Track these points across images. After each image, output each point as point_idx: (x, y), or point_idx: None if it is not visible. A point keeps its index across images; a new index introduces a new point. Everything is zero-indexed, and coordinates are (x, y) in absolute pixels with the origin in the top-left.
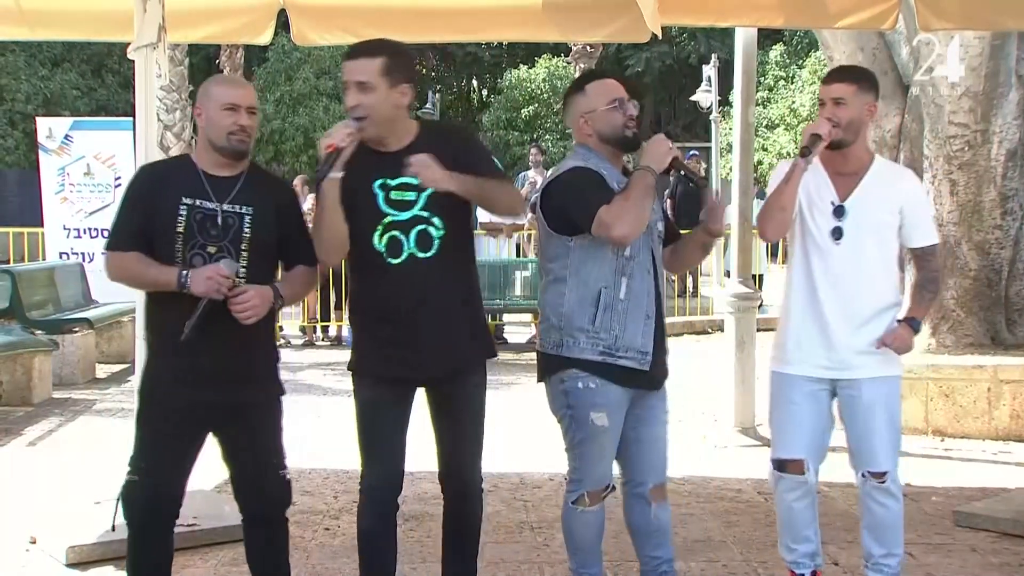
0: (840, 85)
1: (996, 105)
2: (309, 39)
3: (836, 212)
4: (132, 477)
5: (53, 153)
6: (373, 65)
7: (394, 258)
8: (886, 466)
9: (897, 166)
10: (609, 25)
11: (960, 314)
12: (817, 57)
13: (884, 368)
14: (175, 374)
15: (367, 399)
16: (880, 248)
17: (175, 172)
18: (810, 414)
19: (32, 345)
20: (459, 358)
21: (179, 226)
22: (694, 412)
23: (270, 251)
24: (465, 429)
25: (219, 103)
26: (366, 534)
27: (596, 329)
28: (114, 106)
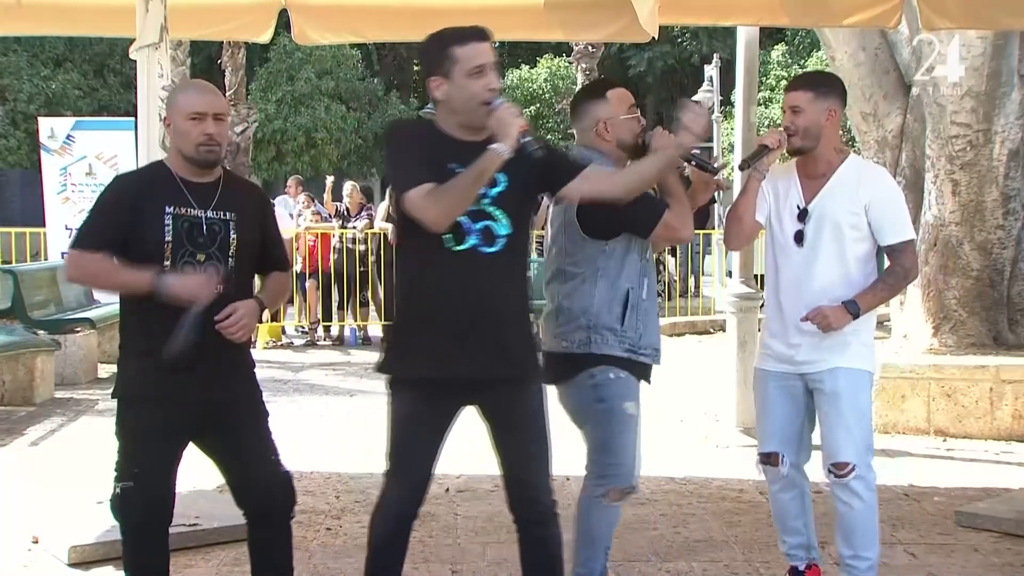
0: (796, 93)
1: (998, 105)
2: (310, 38)
3: (800, 216)
4: (126, 484)
5: (55, 153)
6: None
7: (458, 245)
8: (847, 457)
9: (869, 164)
10: (611, 25)
11: (962, 314)
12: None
13: (847, 361)
14: (151, 380)
15: (405, 410)
16: (841, 250)
17: (155, 181)
18: (782, 408)
19: (34, 345)
20: (519, 363)
21: (167, 235)
22: (696, 412)
23: (254, 256)
24: (532, 446)
25: (184, 113)
26: (379, 545)
27: (624, 328)
28: (116, 106)
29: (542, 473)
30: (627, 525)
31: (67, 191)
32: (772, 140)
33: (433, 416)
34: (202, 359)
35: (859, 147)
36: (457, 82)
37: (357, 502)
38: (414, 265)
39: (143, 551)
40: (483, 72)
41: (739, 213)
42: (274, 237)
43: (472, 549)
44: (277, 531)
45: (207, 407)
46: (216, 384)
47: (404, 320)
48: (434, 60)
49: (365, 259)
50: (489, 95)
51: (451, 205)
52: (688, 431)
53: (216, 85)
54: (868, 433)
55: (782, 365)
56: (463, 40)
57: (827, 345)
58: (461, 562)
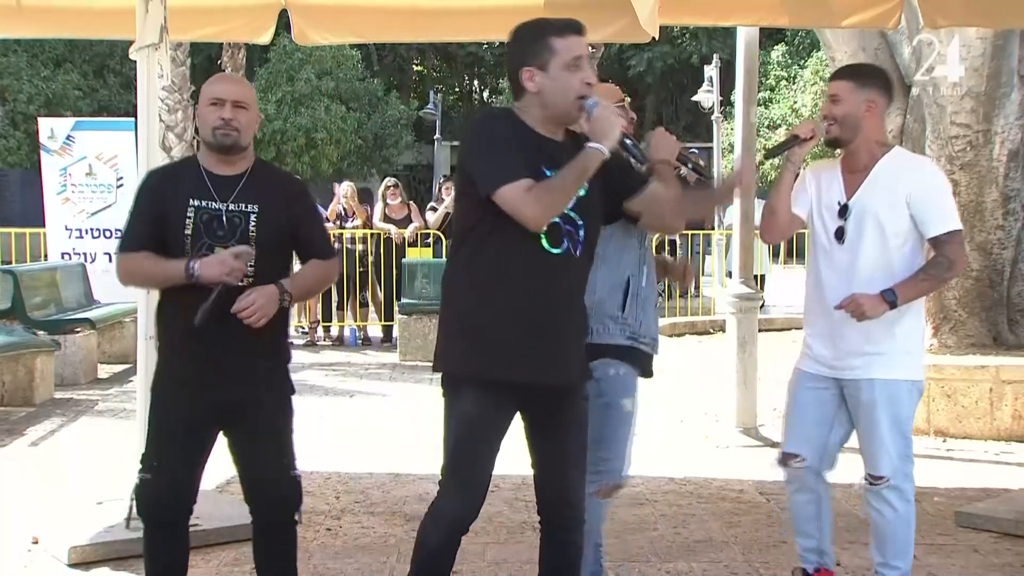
0: (836, 82)
1: (998, 105)
2: (310, 39)
3: (841, 212)
4: (145, 475)
5: (55, 153)
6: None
7: (555, 247)
8: (883, 471)
9: (912, 157)
10: (610, 25)
11: (962, 314)
12: (819, 57)
13: (886, 371)
14: (184, 373)
15: (471, 414)
16: (882, 246)
17: (181, 174)
18: (813, 412)
19: (34, 345)
20: (579, 369)
21: (187, 227)
22: (696, 412)
23: (278, 249)
24: (576, 454)
25: (206, 99)
26: (432, 552)
27: (625, 316)
28: (116, 106)
29: (580, 480)
30: (627, 525)
31: (67, 191)
32: (804, 130)
33: (500, 419)
34: (231, 354)
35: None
36: (553, 74)
37: (357, 503)
38: (499, 263)
39: (158, 544)
40: (580, 65)
41: (772, 205)
42: (310, 225)
43: (472, 549)
44: (281, 534)
45: (233, 405)
46: (244, 383)
47: (481, 318)
48: (529, 50)
49: (364, 259)
50: (586, 89)
51: (553, 203)
52: (688, 431)
53: None
54: (906, 444)
55: (819, 367)
56: (563, 31)
57: (866, 351)
58: (461, 562)
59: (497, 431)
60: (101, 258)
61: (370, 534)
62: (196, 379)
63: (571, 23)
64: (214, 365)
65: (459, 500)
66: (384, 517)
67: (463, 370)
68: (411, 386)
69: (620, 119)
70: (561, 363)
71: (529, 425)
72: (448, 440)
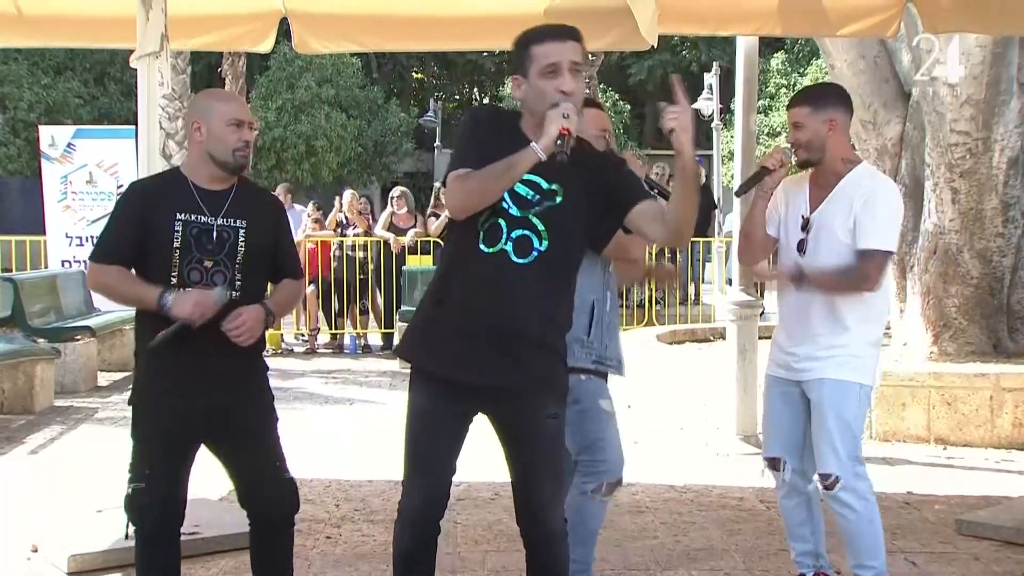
0: (795, 109)
1: (998, 113)
2: (311, 47)
3: (804, 225)
4: (138, 485)
5: (55, 161)
6: (581, 47)
7: (488, 247)
8: (830, 468)
9: (873, 174)
10: (610, 33)
11: (962, 322)
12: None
13: (835, 372)
14: (164, 383)
15: (421, 407)
16: (838, 259)
17: (167, 188)
18: (783, 414)
19: (34, 353)
20: (532, 378)
21: (176, 241)
22: (696, 419)
23: (263, 264)
24: (538, 464)
25: (224, 119)
26: (398, 556)
27: (591, 340)
28: (116, 114)
29: (546, 492)
30: (627, 533)
31: (67, 199)
32: (773, 161)
33: (447, 416)
34: (206, 364)
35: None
36: (531, 81)
37: (357, 510)
38: (447, 259)
39: (153, 553)
40: (556, 72)
41: (746, 230)
42: (286, 246)
43: (472, 558)
44: (278, 537)
45: (217, 412)
46: (226, 389)
47: (426, 310)
48: (515, 58)
49: (365, 267)
50: (558, 96)
51: (471, 193)
52: (688, 439)
53: None
54: (854, 445)
55: (782, 371)
56: (541, 38)
57: (817, 355)
58: (461, 571)
59: (444, 428)
60: None
61: (370, 542)
62: (180, 388)
63: (556, 29)
64: (197, 374)
65: (414, 495)
66: (384, 525)
67: (405, 356)
68: None
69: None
70: (493, 365)
71: (497, 436)
72: (405, 434)
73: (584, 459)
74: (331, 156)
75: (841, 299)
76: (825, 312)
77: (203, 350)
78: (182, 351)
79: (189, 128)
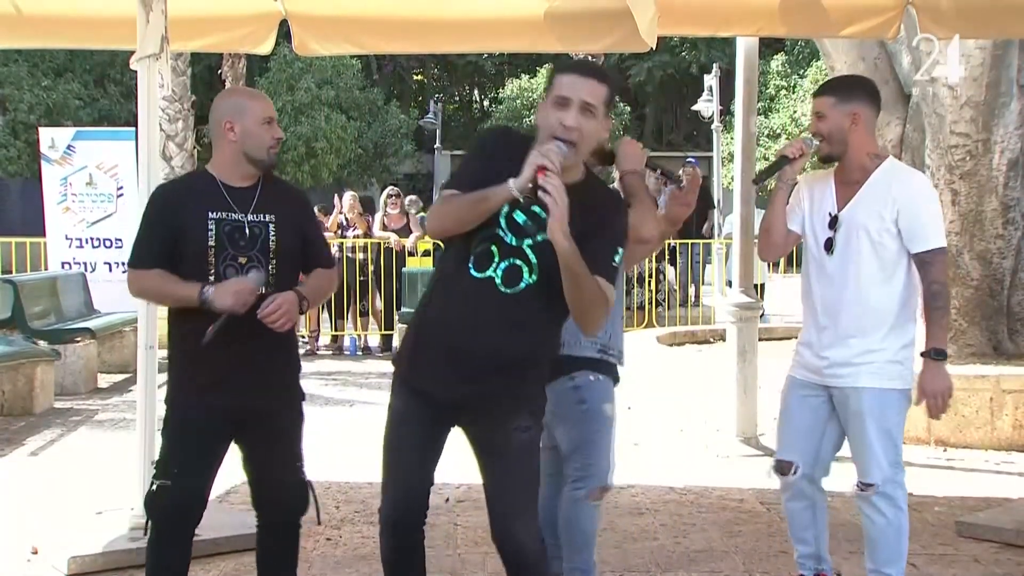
0: (819, 99)
1: (997, 115)
2: (311, 49)
3: (831, 223)
4: (164, 482)
5: (55, 163)
6: (603, 91)
7: (478, 271)
8: (873, 478)
9: (903, 169)
10: (610, 35)
11: (962, 324)
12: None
13: (873, 380)
14: (198, 382)
15: (398, 407)
16: (872, 258)
17: (195, 188)
18: (804, 419)
19: (34, 355)
20: (497, 397)
21: (210, 240)
22: (696, 421)
23: (295, 257)
24: (506, 474)
25: (259, 118)
26: (386, 565)
27: None
28: (116, 116)
29: (516, 503)
30: (628, 535)
31: (67, 201)
32: (793, 150)
33: (422, 424)
34: (245, 362)
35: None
36: (545, 108)
37: (357, 512)
38: (438, 274)
39: (166, 550)
40: (566, 105)
41: (768, 225)
42: (315, 237)
43: (472, 559)
44: (288, 539)
45: (251, 412)
46: (261, 389)
47: (414, 320)
48: (546, 83)
49: (365, 269)
50: (559, 130)
51: (445, 217)
52: (688, 441)
53: (216, 95)
54: (896, 452)
55: (810, 375)
56: (567, 69)
57: (853, 361)
58: (461, 572)
59: (418, 437)
60: (101, 267)
61: (370, 544)
62: (215, 387)
63: (582, 65)
64: (233, 374)
65: (387, 503)
66: None
67: (395, 364)
68: None
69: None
70: (464, 383)
71: (471, 449)
72: (383, 441)
73: (573, 461)
74: (331, 158)
75: (875, 300)
76: (859, 313)
77: (240, 349)
78: (219, 350)
79: (219, 128)
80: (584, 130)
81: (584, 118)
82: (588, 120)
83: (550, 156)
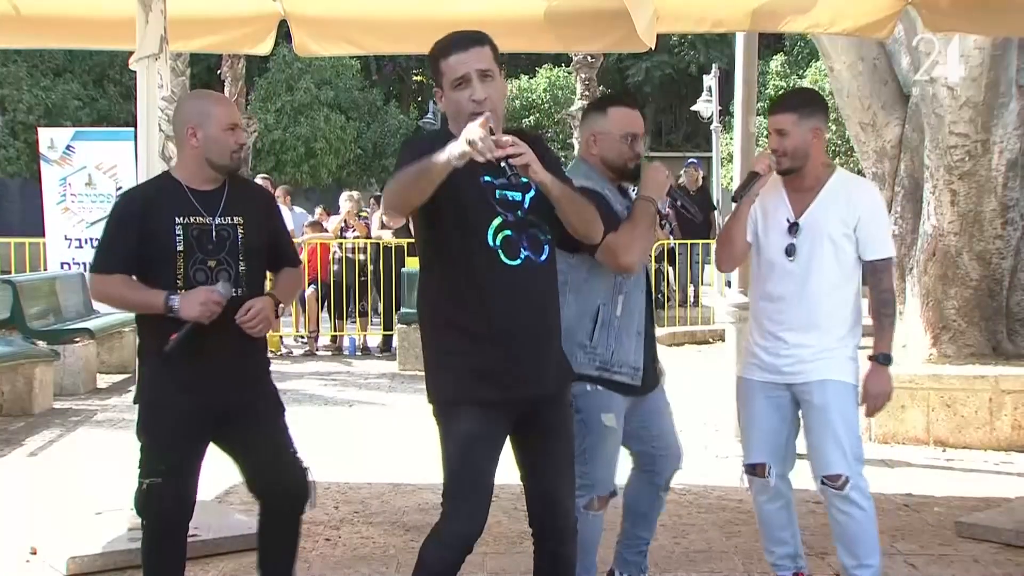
0: (781, 116)
1: (996, 115)
2: (310, 50)
3: (790, 229)
4: (154, 480)
5: (55, 163)
6: (488, 52)
7: (512, 259)
8: (840, 469)
9: (855, 178)
10: (609, 35)
11: (961, 324)
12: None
13: (835, 373)
14: (175, 382)
15: (473, 433)
16: (834, 262)
17: (162, 193)
18: (769, 419)
19: (33, 355)
20: (563, 376)
21: (178, 245)
22: (695, 422)
23: (263, 257)
24: (562, 460)
25: (222, 123)
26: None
27: (593, 345)
28: (116, 116)
29: (569, 490)
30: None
31: (67, 201)
32: (762, 167)
33: (498, 435)
34: (218, 362)
35: (858, 157)
36: (447, 94)
37: (356, 512)
38: (462, 285)
39: (163, 549)
40: (466, 83)
41: (731, 236)
42: (282, 235)
43: (471, 560)
44: (290, 526)
45: (227, 408)
46: (235, 387)
47: (460, 342)
48: (432, 73)
49: (364, 269)
50: (473, 107)
51: (394, 191)
52: (687, 441)
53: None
54: (857, 443)
55: (769, 375)
56: (447, 52)
57: (815, 357)
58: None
59: (496, 448)
60: None
61: (369, 544)
62: (192, 386)
63: (459, 40)
64: (206, 373)
65: (466, 521)
66: (383, 527)
67: (454, 397)
68: (410, 396)
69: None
70: (541, 375)
71: (521, 439)
72: (450, 464)
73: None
74: (330, 158)
75: (836, 302)
76: (820, 313)
77: (210, 349)
78: (190, 351)
79: (182, 132)
80: (493, 96)
81: (487, 85)
82: (491, 85)
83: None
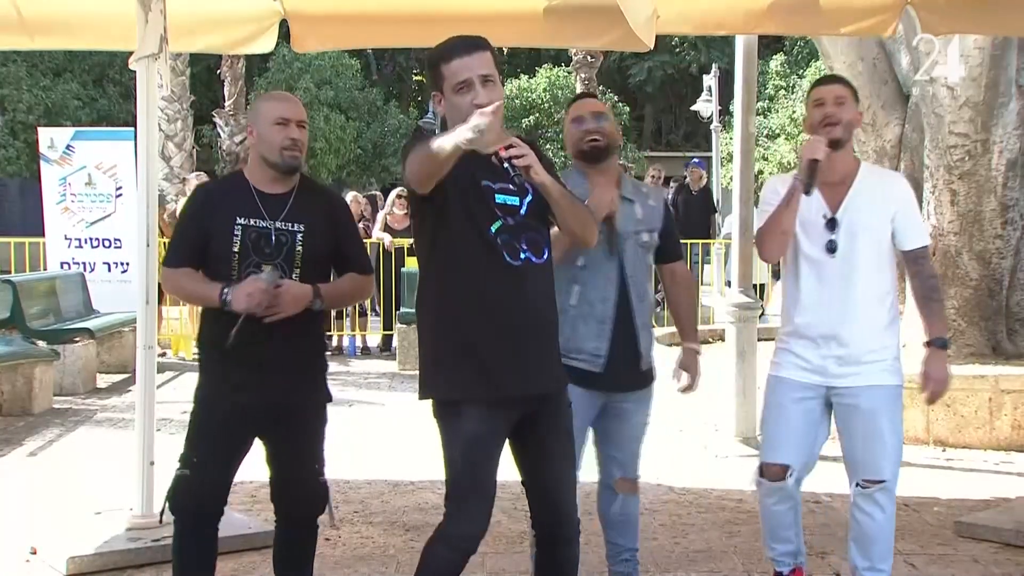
0: (838, 86)
1: (996, 115)
2: (308, 45)
3: (828, 225)
4: (183, 471)
5: (54, 163)
6: (489, 57)
7: (514, 260)
8: (884, 474)
9: (884, 170)
10: (610, 33)
11: (961, 324)
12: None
13: (884, 377)
14: (231, 381)
15: (475, 433)
16: (875, 256)
17: (229, 192)
18: (801, 422)
19: (33, 355)
20: (562, 376)
21: (235, 246)
22: (695, 422)
23: (322, 266)
24: (563, 460)
25: (270, 119)
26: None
27: None
28: (115, 116)
29: (572, 491)
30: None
31: (66, 201)
32: (821, 152)
33: (499, 435)
34: (273, 363)
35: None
36: (448, 99)
37: (356, 512)
38: (463, 285)
39: (185, 543)
40: (468, 87)
41: (785, 227)
42: (351, 243)
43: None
44: (306, 535)
45: (276, 409)
46: (287, 388)
47: (460, 342)
48: (431, 77)
49: None
50: (474, 111)
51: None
52: (687, 441)
53: (215, 95)
54: (901, 447)
55: (809, 376)
56: (449, 56)
57: (863, 359)
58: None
59: (498, 447)
60: (100, 267)
61: (369, 544)
62: (247, 387)
63: (461, 44)
64: (265, 373)
65: (470, 522)
66: (383, 527)
67: (458, 396)
68: (410, 395)
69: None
70: (539, 373)
71: (515, 438)
72: (452, 465)
73: None
74: (330, 158)
75: (878, 298)
76: (866, 313)
77: (267, 349)
78: (247, 349)
79: (248, 133)
80: (495, 98)
81: (489, 90)
82: (492, 90)
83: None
